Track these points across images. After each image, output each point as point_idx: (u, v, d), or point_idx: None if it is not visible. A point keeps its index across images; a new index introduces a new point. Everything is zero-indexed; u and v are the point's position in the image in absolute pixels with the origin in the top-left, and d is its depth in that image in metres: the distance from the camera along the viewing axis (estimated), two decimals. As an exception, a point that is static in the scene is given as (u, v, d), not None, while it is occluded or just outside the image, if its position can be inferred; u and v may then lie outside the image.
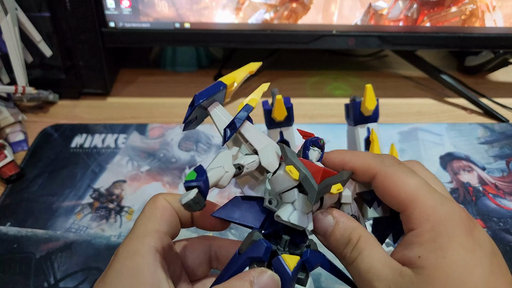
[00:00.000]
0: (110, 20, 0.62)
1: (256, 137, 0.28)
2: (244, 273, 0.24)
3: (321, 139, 0.29)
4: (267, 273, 0.24)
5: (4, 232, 0.46)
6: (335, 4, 0.60)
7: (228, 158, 0.26)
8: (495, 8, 0.61)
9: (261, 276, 0.24)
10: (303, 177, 0.25)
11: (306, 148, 0.28)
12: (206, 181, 0.23)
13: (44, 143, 0.59)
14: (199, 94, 0.28)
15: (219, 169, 0.25)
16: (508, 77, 0.76)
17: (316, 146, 0.28)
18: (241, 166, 0.26)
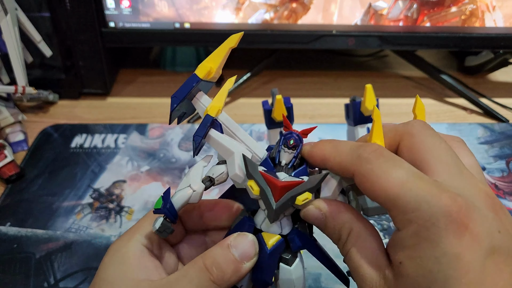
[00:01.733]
0: (110, 20, 0.62)
1: (223, 148, 0.26)
2: (223, 240, 0.26)
3: (292, 138, 0.26)
4: (243, 236, 0.25)
5: (4, 232, 0.46)
6: (335, 4, 0.60)
7: (198, 173, 0.26)
8: (495, 8, 0.61)
9: (237, 238, 0.25)
10: (262, 194, 0.25)
11: (278, 147, 0.27)
12: (171, 208, 0.25)
13: (44, 143, 0.59)
14: (174, 97, 0.27)
15: (185, 190, 0.26)
16: (508, 77, 0.76)
17: (286, 147, 0.26)
18: (211, 178, 0.26)
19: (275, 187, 0.24)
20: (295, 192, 0.24)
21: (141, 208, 0.49)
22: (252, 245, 0.25)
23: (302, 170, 0.26)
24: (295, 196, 0.24)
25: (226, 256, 0.25)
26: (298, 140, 0.26)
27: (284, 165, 0.26)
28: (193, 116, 0.64)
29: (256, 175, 0.25)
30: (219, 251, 0.25)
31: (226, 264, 0.25)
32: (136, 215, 0.48)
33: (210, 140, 0.26)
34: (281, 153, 0.26)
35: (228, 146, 0.26)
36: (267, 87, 0.72)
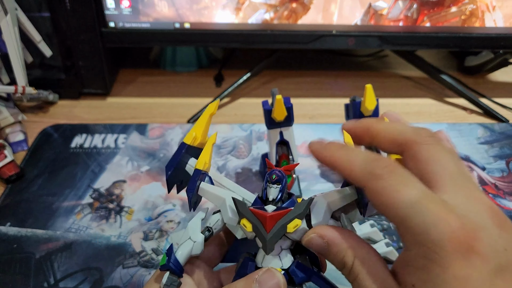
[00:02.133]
0: (110, 20, 0.62)
1: (214, 197, 0.28)
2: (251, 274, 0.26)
3: (274, 173, 0.27)
4: (270, 273, 0.25)
5: (4, 232, 0.46)
6: (335, 4, 0.60)
7: (197, 226, 0.28)
8: (495, 8, 0.61)
9: (264, 274, 0.25)
10: (254, 229, 0.26)
11: (264, 185, 0.28)
12: (175, 262, 0.27)
13: (44, 143, 0.59)
14: (167, 166, 0.29)
15: (187, 243, 0.27)
16: (508, 77, 0.76)
17: (271, 183, 0.27)
18: (209, 228, 0.28)
19: (264, 218, 0.25)
20: (284, 221, 0.26)
21: (141, 208, 0.49)
22: (276, 282, 0.25)
23: (290, 202, 0.27)
24: (285, 224, 0.25)
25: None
26: (281, 175, 0.28)
27: (272, 200, 0.27)
28: (193, 116, 0.64)
29: (246, 212, 0.26)
30: (243, 285, 0.25)
31: None
32: (136, 215, 0.48)
33: (202, 192, 0.28)
34: (268, 189, 0.27)
35: (219, 194, 0.28)
36: (267, 87, 0.72)
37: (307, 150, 0.29)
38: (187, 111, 0.65)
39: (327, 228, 0.26)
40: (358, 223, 0.47)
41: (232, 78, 0.70)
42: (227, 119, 0.64)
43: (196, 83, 0.73)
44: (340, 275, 0.43)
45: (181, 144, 0.30)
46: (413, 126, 0.25)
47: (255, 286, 0.25)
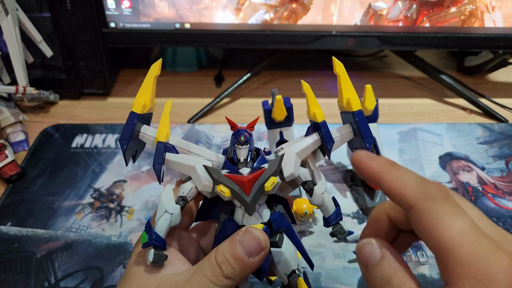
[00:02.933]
0: (111, 20, 0.62)
1: (183, 166, 0.28)
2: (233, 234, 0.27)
3: (241, 135, 0.27)
4: (248, 232, 0.26)
5: (5, 232, 0.47)
6: (334, 4, 0.61)
7: (170, 197, 0.28)
8: (495, 9, 0.61)
9: (244, 234, 0.26)
10: (234, 194, 0.26)
11: (233, 147, 0.28)
12: (157, 238, 0.26)
13: (45, 143, 0.59)
14: (121, 139, 0.28)
15: (165, 216, 0.27)
16: (507, 77, 0.76)
17: (240, 144, 0.27)
18: (184, 197, 0.28)
19: (242, 183, 0.26)
20: (261, 181, 0.26)
21: (142, 207, 0.49)
22: (256, 241, 0.26)
23: (260, 159, 0.28)
24: (262, 184, 0.26)
25: (234, 253, 0.26)
26: (248, 135, 0.28)
27: (243, 161, 0.28)
28: (193, 116, 0.64)
29: (222, 178, 0.26)
30: (229, 247, 0.26)
31: (233, 261, 0.26)
32: (137, 214, 0.49)
33: (169, 163, 0.28)
34: (237, 151, 0.28)
35: (188, 163, 0.28)
36: (267, 87, 0.72)
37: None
38: (187, 111, 0.65)
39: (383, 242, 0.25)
40: (357, 223, 0.48)
41: (232, 78, 0.70)
42: (227, 119, 0.64)
43: (196, 83, 0.73)
44: (339, 275, 0.43)
45: (131, 114, 0.29)
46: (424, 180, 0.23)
47: (238, 247, 0.26)
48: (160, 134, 0.28)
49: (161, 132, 0.28)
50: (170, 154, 0.28)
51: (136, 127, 0.29)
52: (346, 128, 0.29)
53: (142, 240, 0.27)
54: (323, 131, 0.28)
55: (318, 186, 0.28)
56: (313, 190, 0.28)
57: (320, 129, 0.29)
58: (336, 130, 0.29)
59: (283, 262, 0.28)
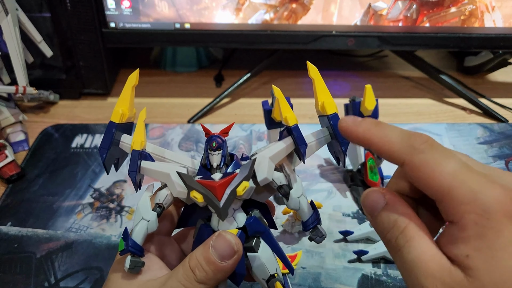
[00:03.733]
0: (111, 20, 0.62)
1: (158, 173, 0.28)
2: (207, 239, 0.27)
3: (213, 141, 0.28)
4: (221, 236, 0.26)
5: (4, 232, 0.47)
6: (334, 4, 0.61)
7: (147, 205, 0.28)
8: (494, 9, 0.61)
9: (217, 238, 0.26)
10: (206, 199, 0.26)
11: (206, 153, 0.28)
12: (134, 245, 0.27)
13: (45, 143, 0.59)
14: (100, 148, 0.29)
15: (141, 223, 0.27)
16: (507, 77, 0.76)
17: (212, 150, 0.27)
18: (160, 204, 0.28)
19: (213, 188, 0.26)
20: (233, 185, 0.26)
21: (142, 208, 0.49)
22: (229, 245, 0.26)
23: (234, 165, 0.28)
24: (234, 189, 0.26)
25: (206, 256, 0.26)
26: (221, 141, 0.28)
27: (216, 167, 0.28)
28: (193, 116, 0.64)
29: (195, 184, 0.27)
30: (201, 251, 0.26)
31: (207, 265, 0.26)
32: (137, 214, 0.49)
33: (144, 171, 0.28)
34: (210, 157, 0.28)
35: (162, 170, 0.28)
36: (267, 87, 0.72)
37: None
38: (187, 111, 0.65)
39: (385, 189, 0.26)
40: (357, 223, 0.48)
41: (232, 78, 0.70)
42: (227, 119, 0.64)
43: (196, 83, 0.73)
44: (339, 275, 0.43)
45: (110, 124, 0.29)
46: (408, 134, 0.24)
47: (212, 251, 0.26)
48: (134, 142, 0.28)
49: (135, 140, 0.29)
50: (145, 162, 0.28)
51: (116, 136, 0.29)
52: (323, 132, 0.29)
53: (120, 247, 0.27)
54: (295, 134, 0.28)
55: (294, 190, 0.28)
56: (289, 194, 0.28)
57: (292, 133, 0.28)
58: (311, 135, 0.29)
59: (260, 266, 0.28)
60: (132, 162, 0.28)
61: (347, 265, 0.43)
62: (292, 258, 0.43)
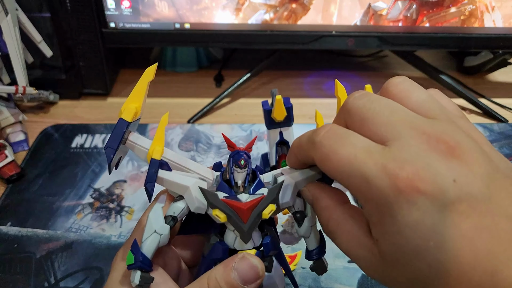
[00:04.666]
0: (111, 20, 0.62)
1: (176, 185, 0.26)
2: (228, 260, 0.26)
3: (241, 158, 0.26)
4: (245, 259, 0.25)
5: (4, 232, 0.46)
6: (334, 4, 0.61)
7: (159, 216, 0.26)
8: (494, 9, 0.61)
9: (241, 261, 0.25)
10: (230, 220, 0.25)
11: (230, 169, 0.27)
12: (144, 259, 0.25)
13: (45, 143, 0.59)
14: (107, 147, 0.26)
15: (153, 237, 0.26)
16: (507, 77, 0.76)
17: (238, 168, 0.26)
18: (173, 217, 0.26)
19: (241, 211, 0.25)
20: (260, 209, 0.25)
21: (142, 208, 0.49)
22: (253, 269, 0.25)
23: (258, 183, 0.27)
24: (261, 212, 0.25)
25: (228, 280, 0.25)
26: (247, 158, 0.27)
27: (240, 185, 0.27)
28: (193, 116, 0.64)
29: (219, 204, 0.25)
30: (221, 273, 0.25)
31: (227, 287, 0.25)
32: (137, 214, 0.48)
33: (162, 182, 0.26)
34: (235, 174, 0.26)
35: (181, 182, 0.26)
36: (267, 87, 0.72)
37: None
38: (187, 111, 0.65)
39: (314, 184, 0.26)
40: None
41: (232, 78, 0.70)
42: (227, 119, 0.64)
43: (196, 84, 0.73)
44: (339, 275, 0.43)
45: (121, 122, 0.26)
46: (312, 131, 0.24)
47: (234, 274, 0.25)
48: (155, 151, 0.26)
49: (156, 148, 0.26)
50: (163, 172, 0.26)
51: (124, 135, 0.27)
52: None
53: (128, 261, 0.25)
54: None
55: (308, 218, 0.28)
56: (303, 221, 0.28)
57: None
58: None
59: (271, 285, 0.28)
60: (151, 173, 0.26)
61: (347, 265, 0.43)
62: (292, 258, 0.43)
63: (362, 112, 0.22)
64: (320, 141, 0.23)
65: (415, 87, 0.24)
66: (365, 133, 0.22)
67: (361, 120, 0.22)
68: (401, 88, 0.23)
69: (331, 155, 0.22)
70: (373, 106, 0.22)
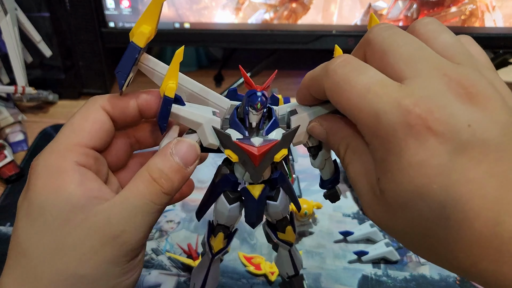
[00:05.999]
0: (110, 20, 0.62)
1: (189, 121, 0.26)
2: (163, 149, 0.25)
3: (258, 102, 0.25)
4: (182, 142, 0.25)
5: (4, 232, 0.46)
6: (334, 4, 0.60)
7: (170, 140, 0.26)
8: (495, 8, 0.61)
9: (177, 145, 0.25)
10: (242, 161, 0.26)
11: (245, 110, 0.26)
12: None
13: (44, 143, 0.58)
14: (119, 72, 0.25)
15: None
16: (508, 77, 0.76)
17: (254, 109, 0.25)
18: None
19: (253, 156, 0.25)
20: (272, 153, 0.25)
21: (141, 208, 0.49)
22: (192, 149, 0.25)
23: (272, 123, 0.26)
24: (272, 156, 0.26)
25: (171, 165, 0.24)
26: (265, 100, 0.26)
27: (255, 126, 0.26)
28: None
29: (232, 146, 0.25)
30: (163, 161, 0.24)
31: (172, 174, 0.24)
32: (136, 215, 0.48)
33: (175, 117, 0.26)
34: (250, 116, 0.26)
35: (195, 119, 0.26)
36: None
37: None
38: (187, 111, 0.65)
39: (327, 117, 0.26)
40: (357, 223, 0.47)
41: (232, 78, 0.70)
42: (227, 119, 0.64)
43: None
44: (339, 275, 0.43)
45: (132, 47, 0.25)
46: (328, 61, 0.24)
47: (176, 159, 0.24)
48: (168, 87, 0.25)
49: (169, 85, 0.25)
50: (177, 107, 0.25)
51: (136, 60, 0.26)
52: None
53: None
54: None
55: (323, 152, 0.28)
56: (318, 155, 0.28)
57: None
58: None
59: (276, 211, 0.29)
60: (164, 110, 0.25)
61: (347, 266, 0.43)
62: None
63: (385, 44, 0.21)
64: (334, 68, 0.22)
65: (443, 29, 0.23)
66: (384, 67, 0.21)
67: (382, 52, 0.21)
68: (429, 28, 0.22)
69: (343, 84, 0.21)
70: (397, 39, 0.21)
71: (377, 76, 0.21)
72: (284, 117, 0.28)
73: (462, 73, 0.20)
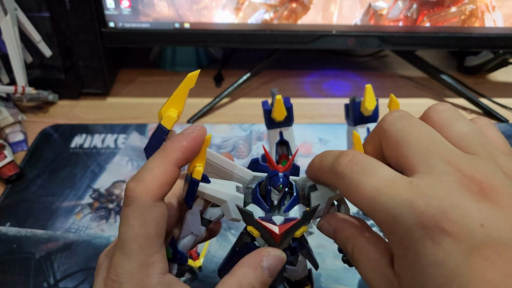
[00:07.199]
0: (110, 20, 0.62)
1: (214, 199, 0.27)
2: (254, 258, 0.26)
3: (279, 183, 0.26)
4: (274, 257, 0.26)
5: (3, 233, 0.46)
6: (334, 4, 0.60)
7: (196, 219, 0.28)
8: (495, 8, 0.61)
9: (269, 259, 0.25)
10: (264, 239, 0.27)
11: (267, 189, 0.27)
12: (182, 256, 0.27)
13: (44, 143, 0.59)
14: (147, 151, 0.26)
15: (190, 237, 0.28)
16: (507, 77, 0.76)
17: (275, 190, 0.26)
18: (209, 221, 0.28)
19: (275, 234, 0.26)
20: (293, 231, 0.26)
21: (141, 208, 0.49)
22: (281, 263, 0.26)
23: (293, 200, 0.28)
24: (293, 233, 0.27)
25: (262, 280, 0.25)
26: (286, 181, 0.27)
27: (276, 204, 0.27)
28: (192, 116, 0.64)
29: (254, 223, 0.26)
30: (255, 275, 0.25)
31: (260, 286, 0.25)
32: (136, 215, 0.48)
33: (201, 194, 0.27)
34: (272, 194, 0.27)
35: (219, 197, 0.27)
36: (267, 87, 0.72)
37: (307, 150, 0.29)
38: (187, 111, 0.65)
39: (334, 216, 0.26)
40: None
41: (232, 78, 0.70)
42: (227, 119, 0.64)
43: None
44: (340, 276, 0.43)
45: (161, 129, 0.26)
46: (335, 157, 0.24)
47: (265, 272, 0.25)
48: (196, 172, 0.25)
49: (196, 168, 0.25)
50: (201, 185, 0.26)
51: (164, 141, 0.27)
52: None
53: (168, 255, 0.26)
54: None
55: None
56: None
57: None
58: None
59: (295, 275, 0.30)
60: (191, 190, 0.26)
61: (347, 266, 0.43)
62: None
63: (398, 135, 0.22)
64: (343, 172, 0.22)
65: (458, 117, 0.23)
66: (398, 158, 0.22)
67: (396, 143, 0.22)
68: (443, 117, 0.23)
69: (354, 187, 0.22)
70: (412, 131, 0.22)
71: (386, 176, 0.21)
72: (304, 188, 0.29)
73: (475, 166, 0.20)
